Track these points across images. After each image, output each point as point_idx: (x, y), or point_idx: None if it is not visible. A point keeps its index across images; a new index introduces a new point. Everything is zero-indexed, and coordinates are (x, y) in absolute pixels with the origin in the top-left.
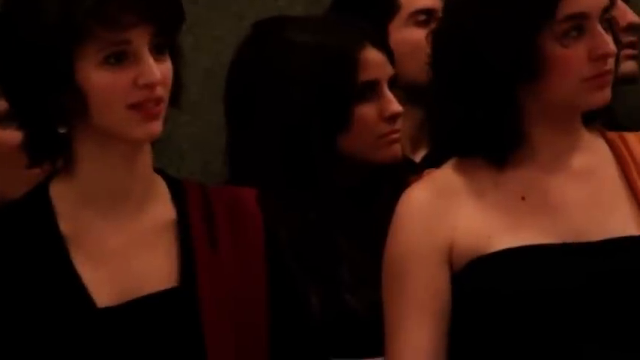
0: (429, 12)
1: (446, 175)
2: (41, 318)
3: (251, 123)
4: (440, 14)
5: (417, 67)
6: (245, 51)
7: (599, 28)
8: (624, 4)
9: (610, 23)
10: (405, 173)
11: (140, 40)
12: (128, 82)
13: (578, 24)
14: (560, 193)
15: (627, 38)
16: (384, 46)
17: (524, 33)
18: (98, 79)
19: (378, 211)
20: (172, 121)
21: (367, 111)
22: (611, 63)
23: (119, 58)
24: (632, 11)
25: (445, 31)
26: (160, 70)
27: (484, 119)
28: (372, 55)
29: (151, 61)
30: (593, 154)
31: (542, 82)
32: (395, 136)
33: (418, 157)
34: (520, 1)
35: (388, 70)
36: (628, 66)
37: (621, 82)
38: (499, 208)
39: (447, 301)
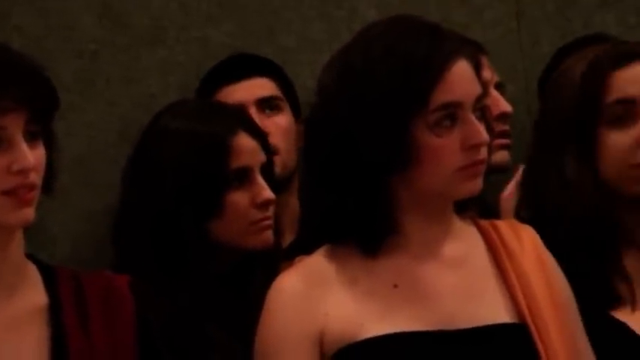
0: None
1: (317, 262)
2: None
3: (128, 209)
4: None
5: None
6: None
7: (472, 117)
8: (497, 93)
9: (483, 112)
10: (277, 260)
11: (14, 125)
12: (2, 168)
13: (451, 113)
14: (431, 281)
15: (500, 127)
16: (256, 132)
17: (397, 122)
18: None
19: (251, 297)
20: (44, 207)
21: (239, 198)
22: (483, 152)
23: None
24: (504, 100)
25: (318, 118)
26: (33, 156)
27: (356, 207)
28: (245, 141)
29: (24, 146)
30: (464, 242)
31: (415, 171)
32: (267, 222)
33: None
34: (393, 90)
35: (260, 157)
36: (500, 156)
37: (493, 171)
38: (371, 296)
39: None
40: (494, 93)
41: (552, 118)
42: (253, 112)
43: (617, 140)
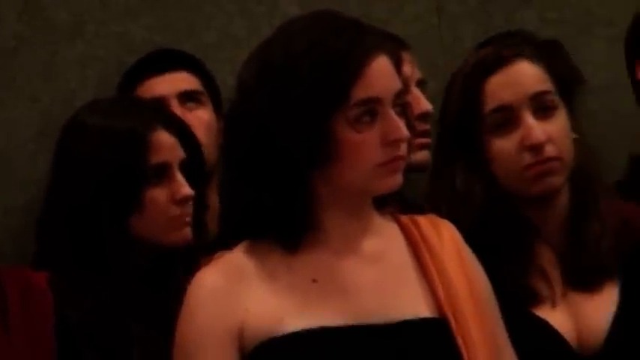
0: None
1: (237, 257)
2: None
3: (49, 205)
4: None
5: None
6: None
7: (392, 113)
8: (419, 92)
9: (404, 108)
10: (197, 255)
11: None
12: None
13: (371, 109)
14: (351, 276)
15: (421, 127)
16: (176, 128)
17: (316, 118)
18: None
19: (170, 293)
20: None
21: (158, 194)
22: (403, 148)
23: None
24: (425, 100)
25: (238, 113)
26: None
27: (275, 203)
28: (163, 137)
29: None
30: (384, 237)
31: (334, 167)
32: (185, 218)
33: None
34: (313, 85)
35: (179, 153)
36: (421, 155)
37: (413, 170)
38: (291, 291)
39: None
40: (415, 91)
41: (443, 127)
42: (175, 105)
43: (502, 147)
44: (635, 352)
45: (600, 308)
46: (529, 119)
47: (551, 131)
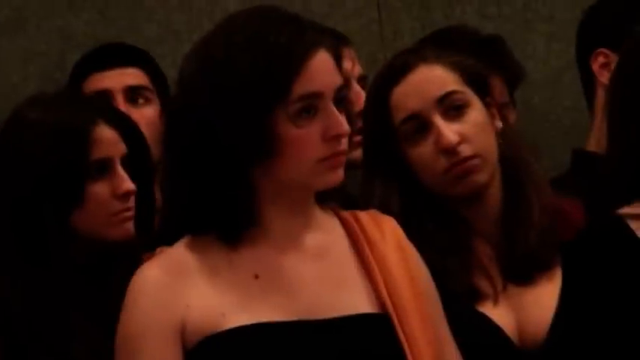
0: None
1: (179, 252)
2: None
3: None
4: None
5: None
6: None
7: (333, 108)
8: (359, 89)
9: (344, 103)
10: (139, 251)
11: None
12: None
13: (312, 104)
14: (293, 272)
15: (361, 123)
16: (117, 123)
17: (257, 113)
18: None
19: (113, 287)
20: None
21: (100, 189)
22: (344, 143)
23: None
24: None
25: (179, 108)
26: None
27: (216, 198)
28: (105, 132)
29: None
30: (326, 232)
31: (276, 162)
32: (128, 214)
33: None
34: (253, 80)
35: (121, 148)
36: (359, 152)
37: (353, 167)
38: (232, 286)
39: None
40: (356, 88)
41: (363, 136)
42: (120, 100)
43: (419, 154)
44: (576, 346)
45: (540, 302)
46: (439, 123)
47: (463, 130)
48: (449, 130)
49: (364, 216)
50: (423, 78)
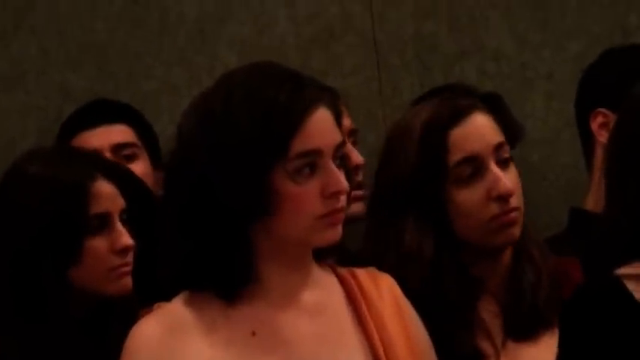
0: None
1: (176, 308)
2: None
3: None
4: None
5: None
6: None
7: (332, 165)
8: (350, 145)
9: (343, 161)
10: (137, 305)
11: None
12: None
13: (311, 161)
14: (290, 329)
15: (355, 179)
16: (116, 178)
17: (256, 170)
18: None
19: (110, 342)
20: None
21: (98, 244)
22: (343, 200)
23: None
24: (357, 152)
25: (177, 164)
26: None
27: (214, 255)
28: (104, 187)
29: None
30: (323, 290)
31: (274, 219)
32: (126, 269)
33: None
34: (253, 137)
35: (120, 203)
36: (355, 207)
37: (350, 221)
38: (229, 344)
39: None
40: (348, 145)
41: (390, 180)
42: (108, 158)
43: (468, 198)
44: None
45: (540, 359)
46: (495, 169)
47: (512, 182)
48: (506, 178)
49: (362, 273)
50: (481, 124)
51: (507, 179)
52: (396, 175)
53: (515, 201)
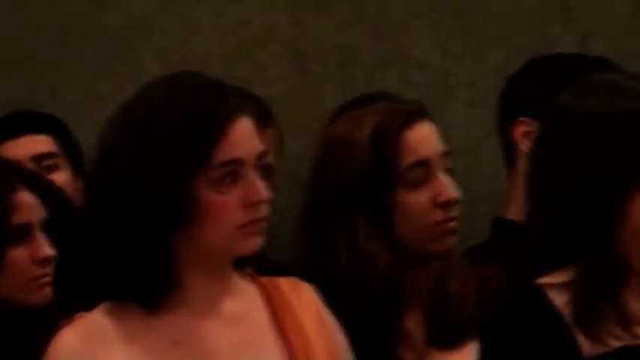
0: None
1: (97, 319)
2: None
3: None
4: None
5: None
6: None
7: (253, 174)
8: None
9: (267, 170)
10: (57, 316)
11: None
12: None
13: (233, 170)
14: (212, 338)
15: None
16: (37, 188)
17: (178, 179)
18: None
19: (31, 353)
20: None
21: (19, 254)
22: (264, 210)
23: None
24: None
25: (99, 173)
26: None
27: (135, 263)
28: (25, 198)
29: None
30: (245, 299)
31: (196, 228)
32: (46, 279)
33: None
34: (174, 146)
35: (40, 213)
36: None
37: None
38: (150, 353)
39: None
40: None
41: (337, 183)
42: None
43: (416, 201)
44: None
45: None
46: (443, 176)
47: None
48: (452, 185)
49: (283, 283)
50: (430, 130)
51: (453, 187)
52: (342, 181)
53: (457, 209)
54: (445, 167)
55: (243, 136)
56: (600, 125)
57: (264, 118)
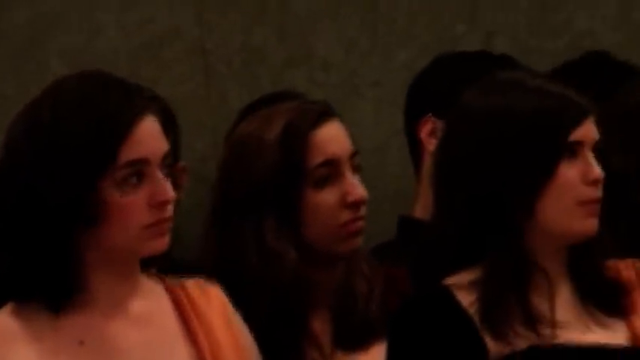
0: None
1: (2, 319)
2: None
3: None
4: None
5: None
6: None
7: (159, 174)
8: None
9: (171, 170)
10: None
11: None
12: None
13: (138, 170)
14: (119, 339)
15: None
16: None
17: (82, 179)
18: None
19: None
20: None
21: None
22: (170, 210)
23: None
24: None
25: (4, 172)
26: None
27: (40, 264)
28: None
29: None
30: (151, 299)
31: (101, 229)
32: None
33: None
34: (79, 146)
35: None
36: None
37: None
38: (57, 354)
39: None
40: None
41: (246, 182)
42: None
43: (323, 201)
44: None
45: None
46: (351, 176)
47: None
48: (360, 185)
49: (190, 283)
50: (340, 128)
51: (361, 187)
52: (251, 180)
53: (364, 210)
54: (354, 167)
55: (149, 136)
56: (505, 124)
57: (167, 119)
